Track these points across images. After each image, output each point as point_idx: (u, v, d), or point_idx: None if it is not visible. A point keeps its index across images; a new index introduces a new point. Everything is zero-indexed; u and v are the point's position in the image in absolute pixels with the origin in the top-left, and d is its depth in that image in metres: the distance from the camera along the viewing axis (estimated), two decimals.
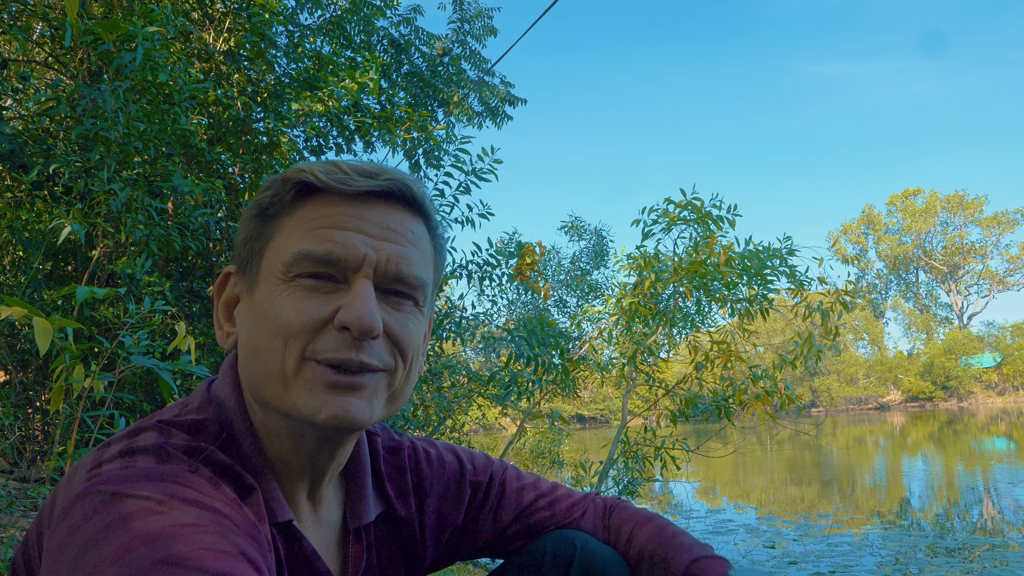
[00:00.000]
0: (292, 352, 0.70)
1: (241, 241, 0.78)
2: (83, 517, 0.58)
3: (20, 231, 4.09)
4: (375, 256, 0.72)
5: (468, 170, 5.22)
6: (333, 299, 0.71)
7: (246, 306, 0.76)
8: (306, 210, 0.74)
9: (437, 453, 1.00)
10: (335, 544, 0.85)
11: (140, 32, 3.44)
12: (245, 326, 0.75)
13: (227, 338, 0.79)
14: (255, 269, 0.75)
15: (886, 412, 44.57)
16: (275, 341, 0.70)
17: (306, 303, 0.70)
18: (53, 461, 2.73)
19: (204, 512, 0.60)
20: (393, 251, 0.73)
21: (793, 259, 5.78)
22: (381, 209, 0.75)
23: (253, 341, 0.73)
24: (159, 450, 0.67)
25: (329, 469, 0.80)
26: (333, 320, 0.70)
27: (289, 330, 0.70)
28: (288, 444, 0.76)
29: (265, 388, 0.72)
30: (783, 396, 5.53)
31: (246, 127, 4.96)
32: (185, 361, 2.20)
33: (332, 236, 0.71)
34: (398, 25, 8.29)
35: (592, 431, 32.11)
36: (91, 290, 1.80)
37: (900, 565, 5.41)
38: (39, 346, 1.39)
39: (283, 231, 0.74)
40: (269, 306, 0.71)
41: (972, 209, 57.58)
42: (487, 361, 9.64)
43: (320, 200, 0.74)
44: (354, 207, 0.74)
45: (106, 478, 0.61)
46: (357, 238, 0.72)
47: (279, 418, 0.74)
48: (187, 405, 0.77)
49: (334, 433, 0.75)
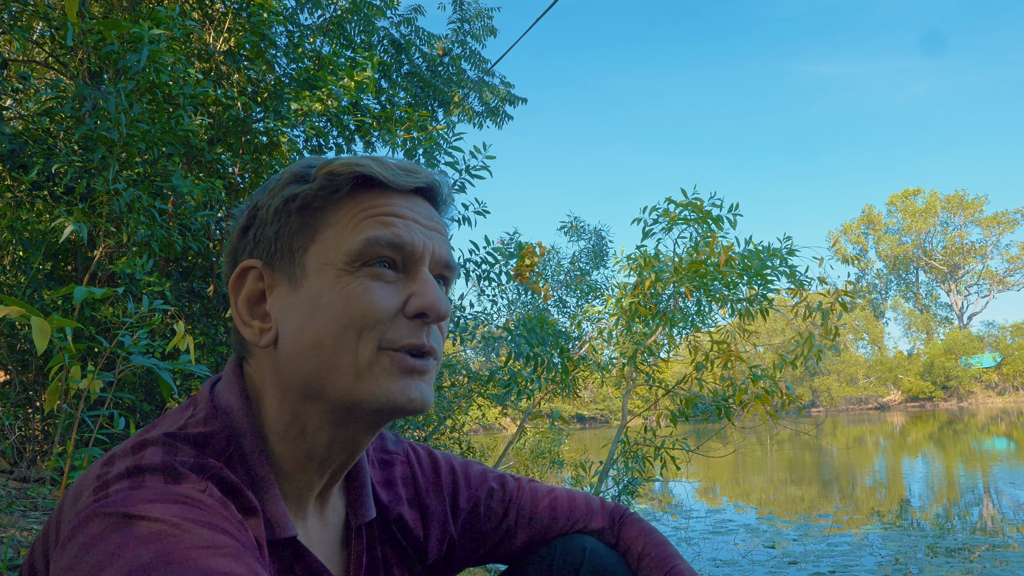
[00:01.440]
0: (368, 342, 0.71)
1: (272, 234, 0.76)
2: (93, 539, 0.57)
3: (20, 231, 4.09)
4: (432, 245, 0.76)
5: (461, 168, 5.22)
6: (399, 288, 0.74)
7: (290, 300, 0.75)
8: (360, 202, 0.75)
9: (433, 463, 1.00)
10: (339, 544, 0.85)
11: (146, 34, 3.44)
12: (294, 320, 0.74)
13: (261, 334, 0.77)
14: (299, 262, 0.75)
15: (886, 412, 44.57)
16: (347, 332, 0.71)
17: (379, 294, 0.72)
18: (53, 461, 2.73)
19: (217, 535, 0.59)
20: (440, 240, 0.78)
21: (793, 259, 5.79)
22: (423, 203, 0.79)
23: (311, 335, 0.72)
24: (168, 469, 0.66)
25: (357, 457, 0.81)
26: (404, 308, 0.73)
27: (365, 321, 0.71)
28: (323, 438, 0.76)
29: (329, 380, 0.72)
30: (783, 396, 5.53)
31: (246, 127, 4.96)
32: (184, 361, 2.20)
33: (395, 223, 0.74)
34: (398, 25, 8.30)
35: (592, 431, 32.12)
36: (89, 290, 1.80)
37: (900, 565, 5.41)
38: (37, 346, 1.39)
39: (336, 223, 0.75)
40: (333, 299, 0.72)
41: (972, 209, 57.59)
42: (487, 361, 9.63)
43: (374, 193, 0.76)
44: (405, 200, 0.77)
45: (114, 499, 0.60)
46: (415, 227, 0.76)
47: (332, 410, 0.74)
48: (192, 415, 0.75)
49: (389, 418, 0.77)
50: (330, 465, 0.79)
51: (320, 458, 0.77)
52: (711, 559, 5.87)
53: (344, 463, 0.80)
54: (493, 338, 6.63)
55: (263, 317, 0.78)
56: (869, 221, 62.36)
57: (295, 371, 0.74)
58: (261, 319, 0.78)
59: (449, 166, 5.23)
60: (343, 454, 0.79)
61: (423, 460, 0.99)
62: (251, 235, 0.78)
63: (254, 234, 0.78)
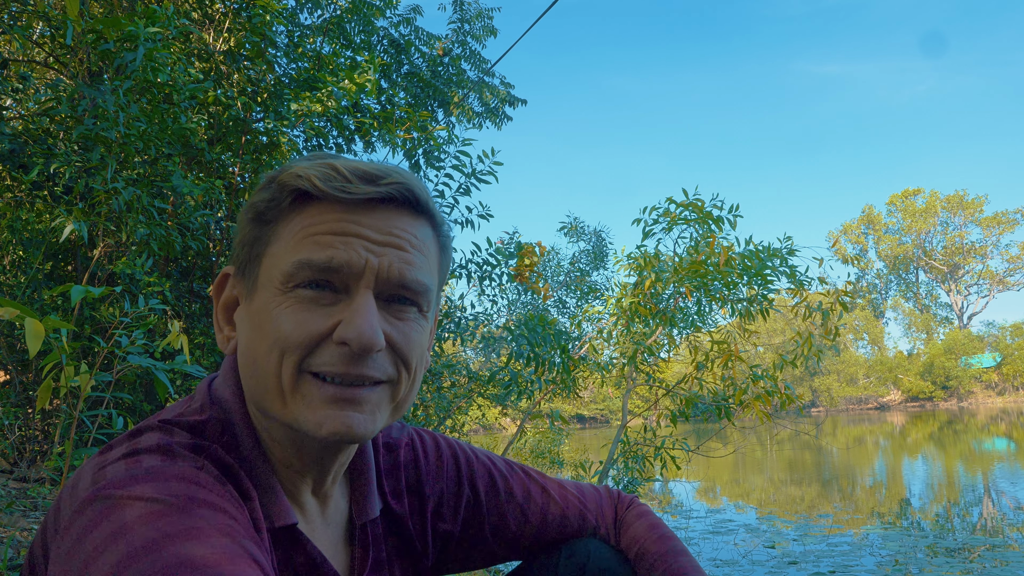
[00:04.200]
0: (288, 366, 0.68)
1: (239, 243, 0.76)
2: (89, 523, 0.57)
3: (20, 231, 4.09)
4: (377, 263, 0.69)
5: (468, 172, 5.21)
6: (332, 312, 0.69)
7: (244, 312, 0.74)
8: (304, 217, 0.71)
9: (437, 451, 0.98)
10: (342, 541, 0.85)
11: (142, 32, 3.44)
12: (244, 333, 0.73)
13: (227, 342, 0.77)
14: (254, 274, 0.73)
15: (886, 412, 44.55)
16: (271, 354, 0.68)
17: (304, 316, 0.68)
18: (53, 461, 2.73)
19: (213, 513, 0.59)
20: (396, 256, 0.71)
21: (793, 259, 5.78)
22: (382, 214, 0.72)
23: (251, 351, 0.71)
24: (164, 448, 0.66)
25: (332, 471, 0.80)
26: (332, 334, 0.68)
27: (286, 344, 0.68)
28: (291, 449, 0.75)
29: (264, 399, 0.71)
30: (783, 396, 5.52)
31: (246, 127, 4.96)
32: (181, 361, 2.19)
33: (332, 243, 0.69)
34: (398, 25, 8.30)
35: (592, 431, 32.11)
36: (87, 289, 1.79)
37: (900, 565, 5.41)
38: (29, 347, 1.39)
39: (280, 238, 0.71)
40: (266, 317, 0.69)
41: (972, 209, 57.56)
42: (487, 361, 9.64)
43: (319, 207, 0.70)
44: (354, 213, 0.70)
45: (111, 482, 0.60)
46: (358, 244, 0.69)
47: (281, 427, 0.73)
48: (189, 406, 0.76)
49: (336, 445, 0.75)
50: (307, 473, 0.78)
51: (295, 467, 0.77)
52: (711, 559, 5.87)
53: (320, 474, 0.79)
54: (493, 338, 6.63)
55: (233, 325, 0.78)
56: (869, 221, 62.34)
57: (246, 384, 0.74)
58: (231, 327, 0.78)
59: (456, 169, 5.23)
60: (315, 467, 0.78)
61: (427, 445, 0.98)
62: (234, 240, 0.78)
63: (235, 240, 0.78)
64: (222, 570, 0.53)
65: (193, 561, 0.53)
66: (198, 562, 0.53)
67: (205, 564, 0.53)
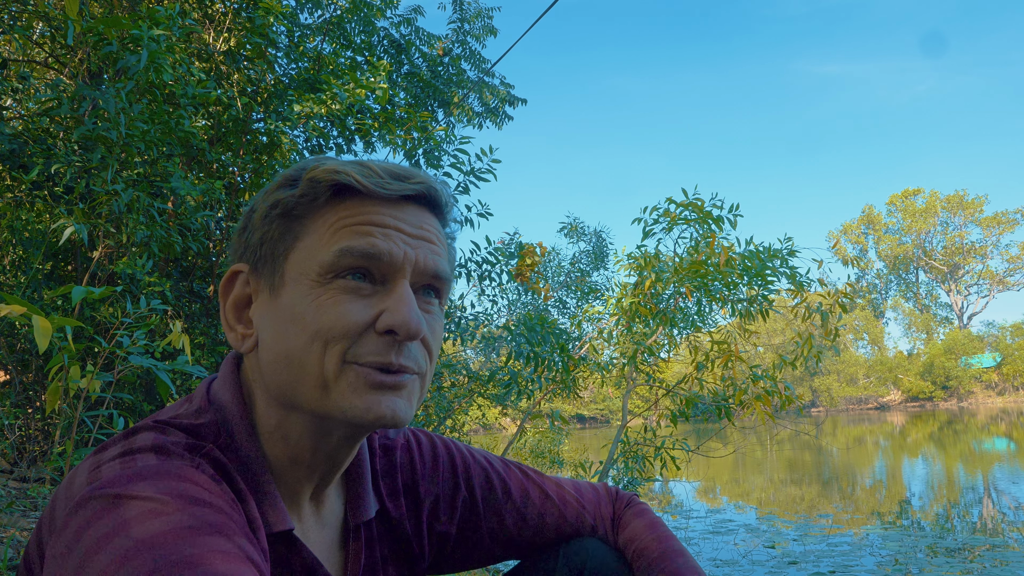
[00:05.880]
0: (333, 356, 0.69)
1: (257, 240, 0.75)
2: (84, 523, 0.56)
3: (20, 231, 4.09)
4: (414, 255, 0.73)
5: (467, 170, 5.21)
6: (373, 303, 0.71)
7: (268, 308, 0.74)
8: (339, 210, 0.73)
9: (433, 452, 0.98)
10: (337, 544, 0.85)
11: (145, 34, 3.43)
12: (270, 329, 0.73)
13: (243, 340, 0.77)
14: (279, 270, 0.73)
15: (886, 412, 44.56)
16: (313, 345, 0.69)
17: (346, 307, 0.70)
18: (53, 461, 2.73)
19: (208, 511, 0.59)
20: (428, 250, 0.75)
21: (793, 260, 5.79)
22: (413, 211, 0.76)
23: (283, 345, 0.71)
24: (159, 447, 0.66)
25: (341, 467, 0.80)
26: (375, 324, 0.70)
27: (330, 334, 0.69)
28: (306, 444, 0.75)
29: (299, 392, 0.71)
30: (783, 396, 5.53)
31: (246, 127, 4.96)
32: (182, 361, 2.19)
33: (372, 232, 0.71)
34: (398, 25, 8.30)
35: (592, 431, 32.11)
36: (87, 290, 1.79)
37: (900, 565, 5.41)
38: (38, 345, 1.39)
39: (313, 231, 0.73)
40: (305, 309, 0.70)
41: (972, 209, 57.57)
42: (487, 361, 9.64)
43: (355, 201, 0.73)
44: (390, 208, 0.74)
45: (106, 481, 0.60)
46: (396, 236, 0.72)
47: (309, 420, 0.73)
48: (186, 407, 0.75)
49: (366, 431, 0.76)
50: (316, 470, 0.78)
51: (306, 463, 0.77)
52: (711, 559, 5.87)
53: (330, 469, 0.80)
54: (493, 338, 6.63)
55: (247, 323, 0.78)
56: (869, 221, 62.33)
57: (272, 380, 0.74)
58: (245, 324, 0.78)
59: (454, 167, 5.23)
60: (327, 461, 0.78)
61: (424, 446, 0.98)
62: (244, 238, 0.78)
63: (246, 238, 0.77)
64: (218, 569, 0.53)
65: (189, 560, 0.53)
66: (194, 560, 0.53)
67: (201, 563, 0.53)
